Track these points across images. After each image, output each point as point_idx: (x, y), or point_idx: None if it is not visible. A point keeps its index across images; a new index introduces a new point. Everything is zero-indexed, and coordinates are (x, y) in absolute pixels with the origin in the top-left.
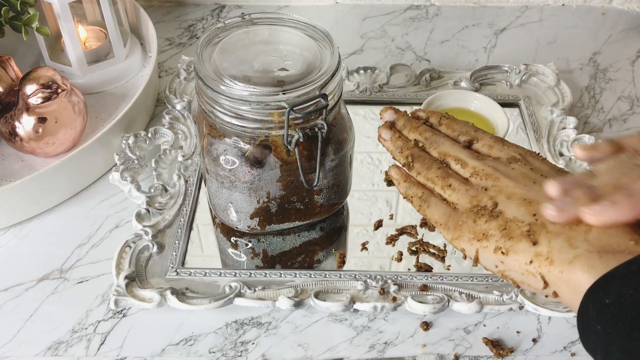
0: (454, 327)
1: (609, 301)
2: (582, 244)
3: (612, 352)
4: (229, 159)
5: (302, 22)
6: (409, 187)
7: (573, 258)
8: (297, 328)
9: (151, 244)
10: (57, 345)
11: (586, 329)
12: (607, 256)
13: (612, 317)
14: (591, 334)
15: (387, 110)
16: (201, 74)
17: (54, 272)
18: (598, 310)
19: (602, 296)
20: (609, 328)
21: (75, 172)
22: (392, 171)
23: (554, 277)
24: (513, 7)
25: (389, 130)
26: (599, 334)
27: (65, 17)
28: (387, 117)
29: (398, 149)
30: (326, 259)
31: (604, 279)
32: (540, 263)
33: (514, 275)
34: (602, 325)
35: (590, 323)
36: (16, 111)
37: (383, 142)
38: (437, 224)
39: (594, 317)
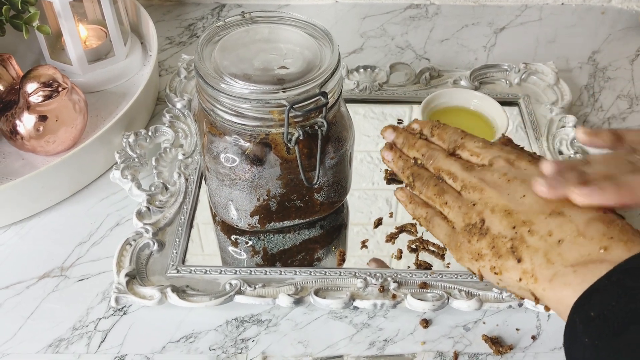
0: (453, 324)
1: (594, 314)
2: (557, 258)
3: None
4: (229, 156)
5: (302, 21)
6: (415, 209)
7: (552, 275)
8: (297, 325)
9: (152, 241)
10: (58, 342)
11: (573, 342)
12: (582, 270)
13: (597, 329)
14: (579, 347)
15: (386, 129)
16: (201, 72)
17: (54, 270)
18: (584, 324)
19: (588, 309)
20: (596, 340)
21: (76, 170)
22: (398, 194)
23: (540, 293)
24: (512, 6)
25: (390, 152)
26: (587, 347)
27: (66, 15)
28: (388, 136)
29: (400, 169)
30: (326, 256)
31: (587, 293)
32: (527, 280)
33: (514, 290)
34: (589, 338)
35: (577, 336)
36: (17, 109)
37: (387, 164)
38: (444, 244)
39: (581, 330)
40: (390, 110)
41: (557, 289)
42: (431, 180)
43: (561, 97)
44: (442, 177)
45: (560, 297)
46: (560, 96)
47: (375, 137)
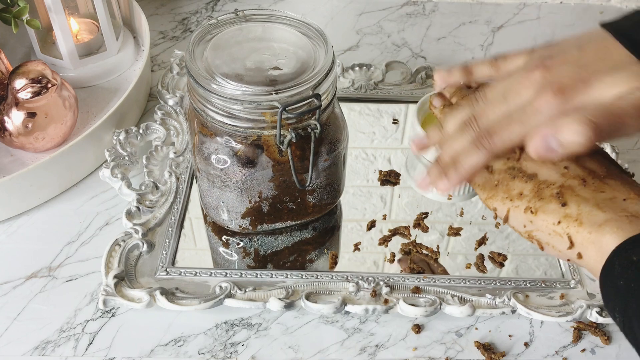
0: (445, 330)
1: (636, 259)
2: (611, 207)
3: (630, 305)
4: (221, 158)
5: (296, 20)
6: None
7: (603, 221)
8: (287, 330)
9: (141, 242)
10: (45, 344)
11: (608, 285)
12: (637, 221)
13: (636, 272)
14: (612, 290)
15: (438, 72)
16: (192, 72)
17: (42, 270)
18: (623, 267)
19: (630, 254)
20: (632, 282)
21: (65, 168)
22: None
23: (581, 237)
24: (511, 4)
25: (440, 99)
26: (620, 289)
27: (57, 9)
28: (439, 82)
29: (447, 116)
30: (318, 259)
31: (633, 239)
32: (568, 224)
33: (541, 235)
34: (625, 281)
35: (613, 279)
36: (5, 105)
37: (434, 110)
38: (474, 184)
39: (618, 272)
40: (386, 108)
41: (605, 234)
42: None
43: None
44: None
45: (603, 241)
46: None
47: (370, 134)
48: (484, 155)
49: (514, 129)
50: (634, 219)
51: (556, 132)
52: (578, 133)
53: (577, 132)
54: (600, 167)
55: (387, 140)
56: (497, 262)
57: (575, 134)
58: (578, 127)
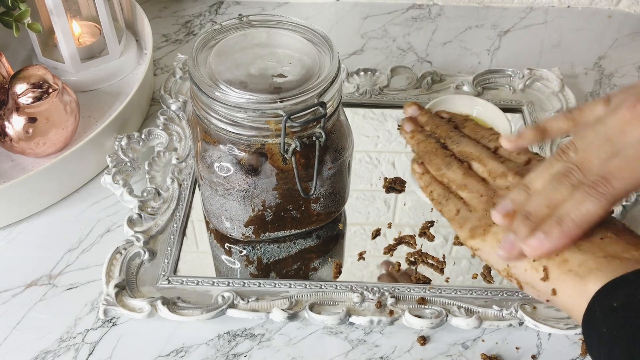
0: (451, 342)
1: (616, 304)
2: (589, 248)
3: (615, 353)
4: (224, 166)
5: (301, 25)
6: (430, 183)
7: (582, 261)
8: (290, 340)
9: (142, 250)
10: (45, 354)
11: (591, 332)
12: (615, 261)
13: (618, 319)
14: (595, 337)
15: (411, 105)
16: (196, 79)
17: (42, 278)
18: (604, 313)
19: (610, 299)
20: (615, 330)
21: (66, 175)
22: (415, 165)
23: (558, 274)
24: (517, 8)
25: (412, 124)
26: (604, 337)
27: (58, 12)
28: (411, 112)
29: (417, 142)
30: (322, 267)
31: (613, 283)
32: (546, 261)
33: (519, 273)
34: (608, 328)
35: (595, 325)
36: (6, 110)
37: (404, 135)
38: (452, 222)
39: (599, 320)
40: (390, 112)
41: (583, 276)
42: (453, 161)
43: (566, 105)
44: (467, 162)
45: (582, 284)
46: (565, 104)
47: (374, 137)
48: (601, 204)
49: (634, 166)
50: (612, 259)
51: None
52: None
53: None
54: None
55: (391, 144)
56: None
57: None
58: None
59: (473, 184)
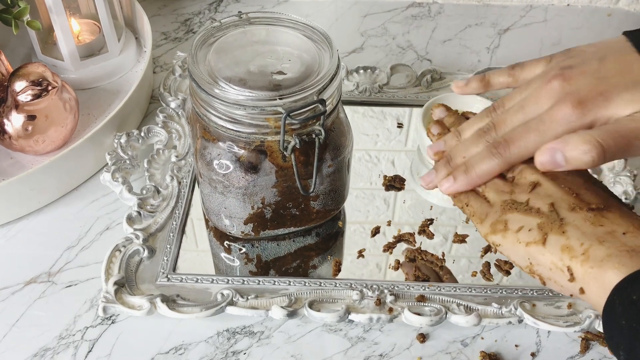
0: (451, 339)
1: (635, 297)
2: (612, 241)
3: (636, 347)
4: (223, 163)
5: (300, 23)
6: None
7: (605, 256)
8: (290, 338)
9: (142, 248)
10: (44, 352)
11: (611, 325)
12: (636, 255)
13: (637, 313)
14: (616, 330)
15: (438, 106)
16: (195, 77)
17: (41, 275)
18: (624, 306)
19: (630, 292)
20: (634, 323)
21: (65, 172)
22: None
23: (582, 272)
24: (517, 6)
25: (439, 126)
26: (624, 330)
27: (58, 10)
28: (438, 114)
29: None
30: (321, 265)
31: (633, 276)
32: (570, 259)
33: (542, 270)
34: (627, 321)
35: (615, 318)
36: (5, 108)
37: (430, 136)
38: (473, 218)
39: (619, 312)
40: (390, 110)
41: (606, 269)
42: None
43: None
44: None
45: (604, 278)
46: None
47: (374, 136)
48: (498, 162)
49: (531, 138)
50: (634, 254)
51: (564, 148)
52: (585, 153)
53: (583, 152)
54: (598, 200)
55: (390, 142)
56: (504, 270)
57: (582, 153)
58: (585, 147)
59: (494, 180)
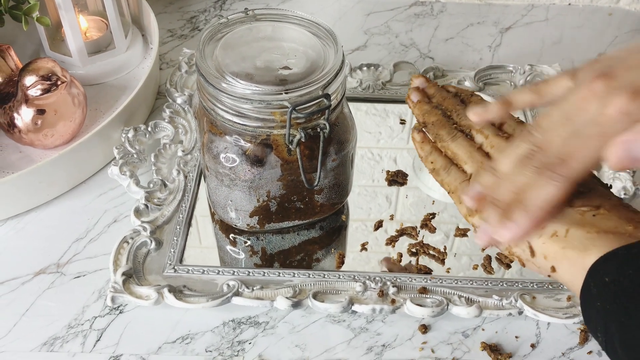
0: (452, 330)
1: (608, 279)
2: (584, 224)
3: (610, 328)
4: (230, 156)
5: (306, 19)
6: (431, 152)
7: (581, 238)
8: (294, 328)
9: (149, 240)
10: (53, 340)
11: (587, 306)
12: (609, 236)
13: (610, 294)
14: (592, 311)
15: (419, 77)
16: (203, 71)
17: (50, 267)
18: (598, 288)
19: (603, 274)
20: (608, 305)
21: (74, 166)
22: (415, 133)
23: (554, 252)
24: (519, 6)
25: (419, 93)
26: (599, 311)
27: (66, 6)
28: (418, 83)
29: (423, 112)
30: (325, 258)
31: (605, 258)
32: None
33: (520, 252)
34: (602, 302)
35: (591, 300)
36: (15, 102)
37: (411, 105)
38: (452, 195)
39: (594, 294)
40: (392, 108)
41: (580, 251)
42: (458, 133)
43: None
44: (469, 134)
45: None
46: None
47: (377, 133)
48: (560, 184)
49: (591, 145)
50: (605, 234)
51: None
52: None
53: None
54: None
55: (393, 140)
56: (504, 264)
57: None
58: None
59: (477, 157)
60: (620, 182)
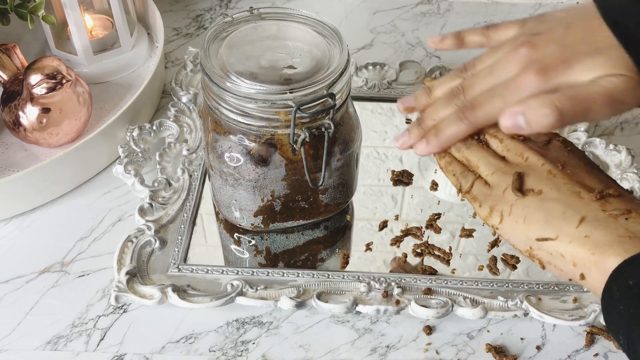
0: (457, 332)
1: (632, 283)
2: (613, 228)
3: (633, 331)
4: (234, 156)
5: (311, 18)
6: (450, 162)
7: (607, 241)
8: (298, 329)
9: (153, 239)
10: (57, 339)
11: (610, 310)
12: (635, 240)
13: (634, 298)
14: (614, 315)
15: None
16: (207, 70)
17: (55, 265)
18: (621, 291)
19: (627, 277)
20: (631, 308)
21: (79, 164)
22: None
23: (583, 258)
24: (526, 4)
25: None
26: (622, 315)
27: (72, 5)
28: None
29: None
30: (329, 258)
31: (629, 261)
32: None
33: (543, 255)
34: (625, 306)
35: (613, 304)
36: (20, 101)
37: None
38: (473, 201)
39: (617, 298)
40: None
41: (607, 255)
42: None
43: None
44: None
45: (605, 263)
46: None
47: (383, 132)
48: (464, 126)
49: (495, 104)
50: (636, 239)
51: (524, 111)
52: (544, 115)
53: (543, 115)
54: (599, 184)
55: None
56: (510, 265)
57: (542, 116)
58: (545, 110)
59: (492, 162)
60: (628, 183)
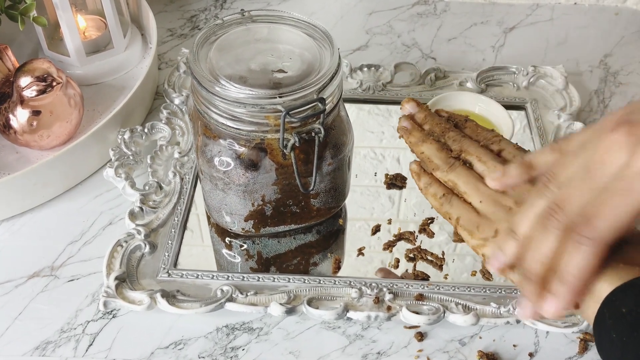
0: (449, 338)
1: (625, 310)
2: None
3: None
4: (224, 160)
5: (302, 21)
6: (430, 184)
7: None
8: (288, 335)
9: (143, 243)
10: (45, 345)
11: (602, 338)
12: (629, 268)
13: (627, 326)
14: (607, 343)
15: (409, 101)
16: (196, 74)
17: (44, 269)
18: (614, 319)
19: (619, 305)
20: (624, 337)
21: (70, 167)
22: (413, 164)
23: None
24: (524, 5)
25: (409, 122)
26: (615, 343)
27: (64, 6)
28: (409, 109)
29: (417, 140)
30: (322, 262)
31: (622, 288)
32: None
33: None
34: (618, 334)
35: (606, 331)
36: (10, 103)
37: (402, 132)
38: (459, 228)
39: (609, 325)
40: (395, 108)
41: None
42: (456, 162)
43: (570, 103)
44: (469, 162)
45: (596, 289)
46: (569, 102)
47: (379, 133)
48: (591, 249)
49: (617, 203)
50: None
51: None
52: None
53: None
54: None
55: (395, 140)
56: None
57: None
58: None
59: (479, 187)
60: None
